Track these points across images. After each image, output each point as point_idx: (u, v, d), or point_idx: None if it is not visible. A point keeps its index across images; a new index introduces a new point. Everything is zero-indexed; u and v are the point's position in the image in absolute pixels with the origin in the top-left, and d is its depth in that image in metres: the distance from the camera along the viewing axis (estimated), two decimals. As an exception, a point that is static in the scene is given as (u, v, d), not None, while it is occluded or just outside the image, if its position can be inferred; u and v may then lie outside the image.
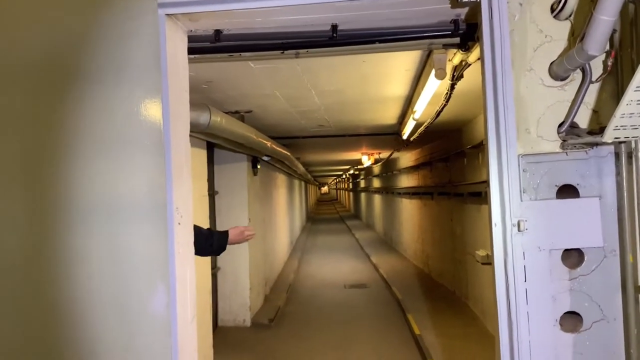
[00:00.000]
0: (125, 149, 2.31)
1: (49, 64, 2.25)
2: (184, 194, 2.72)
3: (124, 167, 2.29)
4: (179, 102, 2.65)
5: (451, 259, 8.98)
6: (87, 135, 2.26)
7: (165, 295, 2.24)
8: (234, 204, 7.46)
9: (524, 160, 2.22)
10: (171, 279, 2.36)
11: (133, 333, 2.19)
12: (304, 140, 8.65)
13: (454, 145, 8.24)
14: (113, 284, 2.22)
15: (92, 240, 2.22)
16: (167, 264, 2.29)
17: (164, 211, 2.31)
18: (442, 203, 9.52)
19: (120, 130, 2.30)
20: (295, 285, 10.44)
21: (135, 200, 2.29)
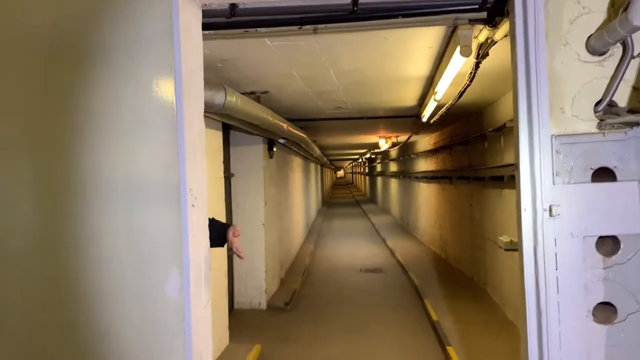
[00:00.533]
0: (137, 127, 2.22)
1: (60, 41, 2.17)
2: (197, 175, 2.63)
3: (136, 146, 2.20)
4: (192, 80, 2.55)
5: (470, 245, 8.84)
6: (99, 113, 2.18)
7: (179, 279, 2.17)
8: (250, 187, 7.40)
9: (558, 141, 2.09)
10: (185, 263, 2.28)
11: (147, 316, 2.13)
12: (320, 122, 8.52)
13: (475, 129, 8.05)
14: (128, 266, 2.16)
15: (108, 220, 2.15)
16: (181, 247, 2.21)
17: (177, 192, 2.23)
18: (461, 187, 9.35)
19: (132, 108, 2.21)
20: (311, 269, 10.41)
21: (148, 180, 2.22)
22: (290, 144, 9.06)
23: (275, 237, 8.33)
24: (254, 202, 7.40)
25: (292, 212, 11.20)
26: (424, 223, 13.39)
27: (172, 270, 2.15)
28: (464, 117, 8.74)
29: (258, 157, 7.42)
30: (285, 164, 10.00)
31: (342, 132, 11.09)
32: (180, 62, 2.34)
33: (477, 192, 8.28)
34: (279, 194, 8.95)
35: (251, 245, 7.39)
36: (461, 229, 9.48)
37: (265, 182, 7.55)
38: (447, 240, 10.72)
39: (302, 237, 13.69)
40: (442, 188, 11.08)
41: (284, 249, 9.59)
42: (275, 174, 8.55)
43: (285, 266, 9.58)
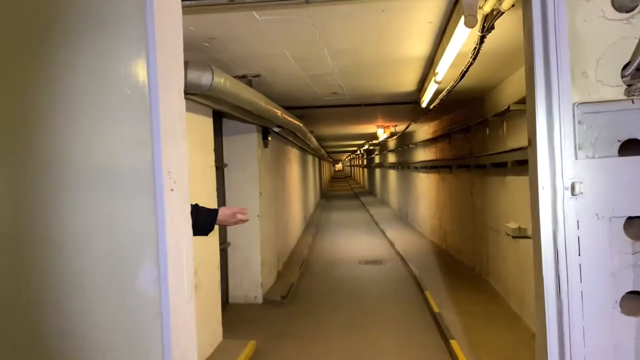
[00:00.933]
0: (104, 107, 1.96)
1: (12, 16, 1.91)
2: (177, 157, 2.36)
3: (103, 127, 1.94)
4: (169, 51, 2.27)
5: (470, 235, 8.61)
6: (60, 93, 1.92)
7: (153, 271, 1.93)
8: (244, 177, 7.15)
9: (580, 109, 1.84)
10: (161, 253, 2.03)
11: (115, 313, 1.89)
12: (316, 110, 8.26)
13: (475, 115, 7.80)
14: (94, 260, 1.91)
15: (70, 210, 1.90)
16: (155, 236, 1.97)
17: (150, 176, 1.97)
18: (462, 176, 9.11)
19: (97, 85, 1.95)
20: (309, 261, 10.18)
21: (116, 164, 1.96)
22: (286, 133, 8.81)
23: (271, 229, 8.09)
24: (248, 193, 7.15)
25: (289, 203, 10.96)
26: (424, 214, 13.17)
27: (144, 261, 1.91)
28: (464, 104, 8.49)
29: (252, 147, 7.17)
30: (281, 155, 9.74)
31: (339, 121, 10.83)
32: (154, 30, 2.09)
33: (478, 181, 8.05)
34: (275, 185, 8.71)
35: (246, 237, 7.15)
36: (461, 219, 9.26)
37: (260, 172, 7.30)
38: (447, 231, 10.50)
39: (300, 230, 13.47)
40: (442, 178, 10.85)
41: (281, 241, 9.36)
42: (271, 164, 8.30)
43: (282, 259, 9.35)
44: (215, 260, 5.26)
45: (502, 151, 6.16)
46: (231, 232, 7.14)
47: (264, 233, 7.45)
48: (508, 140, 6.32)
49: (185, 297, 2.41)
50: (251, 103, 4.83)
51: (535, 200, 1.95)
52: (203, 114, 5.02)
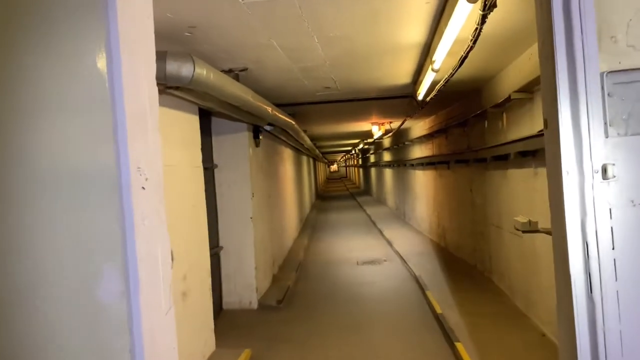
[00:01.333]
0: (61, 96, 1.69)
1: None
2: (149, 151, 2.10)
3: (58, 121, 1.68)
4: (135, 33, 2.01)
5: (471, 232, 8.37)
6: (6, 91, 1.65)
7: (117, 282, 1.66)
8: (236, 178, 6.88)
9: (610, 79, 1.58)
10: (130, 260, 1.77)
11: (75, 330, 1.62)
12: (309, 107, 8.00)
13: (473, 108, 7.56)
14: (50, 269, 1.64)
15: (24, 214, 1.64)
16: (120, 240, 1.70)
17: (114, 172, 1.70)
18: (460, 172, 8.87)
19: (53, 73, 1.69)
20: (305, 264, 9.91)
21: (75, 161, 1.69)
22: (278, 132, 8.54)
23: (265, 231, 7.82)
24: (240, 194, 6.88)
25: (283, 205, 10.68)
26: (421, 212, 12.93)
27: (107, 270, 1.64)
28: (462, 97, 8.25)
29: (243, 146, 6.90)
30: (274, 154, 9.47)
31: (333, 118, 10.57)
32: (116, 8, 1.82)
33: (477, 176, 7.80)
34: (268, 185, 8.44)
35: (239, 240, 6.88)
36: (461, 215, 9.01)
37: (252, 172, 7.03)
38: (445, 228, 10.25)
39: (295, 231, 13.19)
40: (439, 174, 10.60)
41: (276, 243, 9.08)
42: (264, 164, 8.03)
43: (278, 262, 9.08)
44: (206, 266, 4.99)
45: (503, 143, 5.92)
46: (223, 236, 6.87)
47: (258, 235, 7.18)
48: (508, 132, 6.08)
49: (163, 309, 2.15)
50: (238, 98, 4.56)
51: (558, 188, 1.69)
52: (188, 111, 4.74)
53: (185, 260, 4.45)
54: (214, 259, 6.70)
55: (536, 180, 5.14)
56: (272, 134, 8.68)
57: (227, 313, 6.74)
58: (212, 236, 6.69)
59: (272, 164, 9.08)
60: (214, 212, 6.81)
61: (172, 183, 4.33)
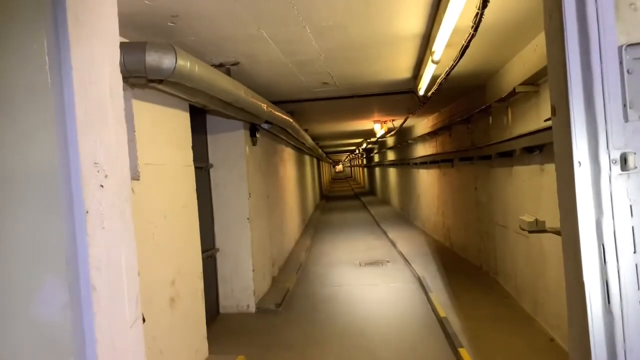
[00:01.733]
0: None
1: None
2: (110, 145, 1.88)
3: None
4: (90, 11, 1.79)
5: (476, 231, 8.12)
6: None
7: (59, 293, 1.45)
8: (232, 178, 6.67)
9: (629, 54, 1.36)
10: (80, 268, 1.56)
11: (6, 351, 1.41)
12: (307, 105, 7.79)
13: (476, 104, 7.32)
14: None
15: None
16: (68, 247, 1.48)
17: (56, 168, 1.49)
18: (464, 170, 8.63)
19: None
20: (306, 265, 9.69)
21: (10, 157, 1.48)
22: (277, 131, 8.33)
23: (264, 232, 7.61)
24: (236, 194, 6.67)
25: (284, 205, 10.47)
26: (425, 211, 12.68)
27: (45, 281, 1.42)
28: (464, 93, 8.01)
29: (239, 145, 6.69)
30: (273, 154, 9.26)
31: (334, 117, 10.35)
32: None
33: (482, 174, 7.56)
34: (267, 185, 8.23)
35: (236, 242, 6.67)
36: (466, 214, 8.77)
37: (249, 171, 6.82)
38: (450, 228, 10.01)
39: (298, 232, 12.98)
40: (443, 173, 10.36)
41: (276, 244, 8.87)
42: (262, 163, 7.82)
43: (278, 263, 8.86)
44: (197, 269, 4.78)
45: (508, 139, 5.67)
46: (220, 237, 6.66)
47: (255, 237, 6.97)
48: (514, 127, 5.84)
49: (127, 322, 1.93)
50: (229, 93, 4.35)
51: (568, 183, 1.46)
52: (177, 108, 4.54)
53: (175, 264, 4.24)
54: (210, 261, 6.50)
55: (543, 177, 4.89)
56: (270, 133, 8.47)
57: (223, 317, 6.53)
58: (208, 238, 6.49)
59: (271, 163, 8.87)
60: (210, 213, 6.61)
61: (160, 183, 4.13)
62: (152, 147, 4.06)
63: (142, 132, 3.90)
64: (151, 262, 3.83)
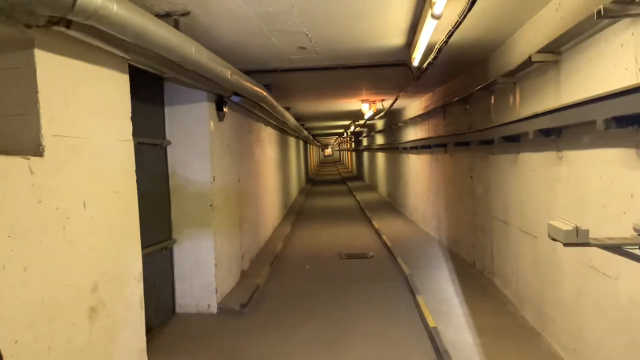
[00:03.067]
0: None
1: None
2: None
3: None
4: None
5: (469, 225, 7.29)
6: None
7: None
8: (192, 158, 5.74)
9: None
10: None
11: None
12: (286, 77, 6.84)
13: (477, 81, 6.43)
14: None
15: None
16: None
17: None
18: (459, 156, 7.77)
19: None
20: (283, 256, 8.83)
21: None
22: (251, 106, 7.36)
23: (231, 220, 6.70)
24: (198, 176, 5.74)
25: (260, 189, 9.55)
26: (414, 200, 11.84)
27: None
28: (464, 70, 7.11)
29: (202, 119, 5.74)
30: (247, 132, 8.30)
31: (318, 94, 9.40)
32: None
33: (480, 161, 6.70)
34: (237, 167, 7.30)
35: (197, 232, 5.76)
36: (459, 206, 7.93)
37: (214, 151, 5.88)
38: (441, 219, 9.18)
39: (277, 219, 12.09)
40: (435, 159, 9.50)
41: (249, 233, 7.98)
42: (232, 142, 6.88)
43: (250, 255, 7.98)
44: (133, 269, 3.86)
45: (516, 120, 4.79)
46: (178, 227, 5.75)
47: (220, 226, 6.06)
48: (522, 108, 4.96)
49: None
50: (172, 49, 3.39)
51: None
52: (109, 66, 3.58)
53: (98, 265, 3.33)
54: (165, 254, 5.60)
55: (561, 166, 4.03)
56: (243, 108, 7.51)
57: (180, 319, 5.65)
58: (163, 227, 5.58)
59: (244, 143, 7.92)
60: (166, 199, 5.68)
61: (79, 161, 3.19)
62: (67, 115, 3.11)
63: (51, 93, 2.96)
64: (58, 263, 2.92)
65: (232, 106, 6.76)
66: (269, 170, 11.02)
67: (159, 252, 5.42)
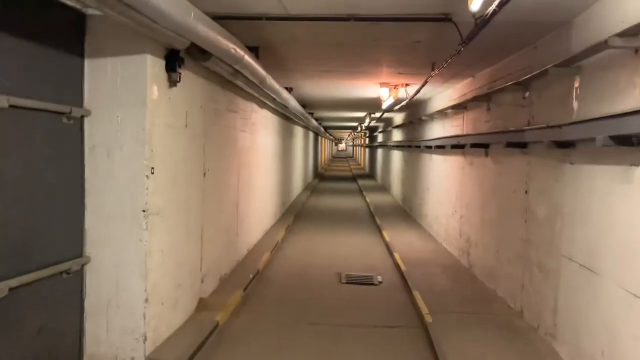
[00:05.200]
0: None
1: None
2: None
3: None
4: None
5: (519, 258, 5.29)
6: None
7: None
8: (122, 137, 3.82)
9: None
10: None
11: None
12: (278, 33, 4.90)
13: (548, 57, 4.42)
14: None
15: None
16: None
17: None
18: (508, 161, 5.75)
19: None
20: (266, 275, 6.90)
21: None
22: (231, 74, 5.36)
23: (182, 231, 4.77)
24: (129, 167, 3.83)
25: (245, 186, 7.60)
26: (436, 210, 9.82)
27: None
28: (526, 43, 5.10)
29: (139, 81, 3.82)
30: (227, 110, 6.33)
31: (325, 68, 7.41)
32: None
33: (543, 170, 4.70)
34: (208, 157, 5.37)
35: (121, 248, 3.85)
36: (501, 228, 5.93)
37: (155, 130, 3.96)
38: (472, 241, 7.17)
39: (270, 220, 10.16)
40: (469, 162, 7.48)
41: (219, 244, 6.07)
42: (195, 119, 4.96)
43: (220, 271, 6.07)
44: None
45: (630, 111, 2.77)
46: (94, 240, 3.84)
47: (160, 241, 4.13)
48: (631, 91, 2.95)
49: None
50: None
51: None
52: None
53: None
54: (71, 280, 3.69)
55: None
56: (222, 78, 5.55)
57: (85, 377, 3.75)
58: (69, 240, 3.68)
59: (220, 124, 5.97)
60: (78, 196, 3.77)
61: None
62: None
63: None
64: None
65: (199, 70, 4.81)
66: (262, 163, 9.06)
67: (56, 277, 3.52)
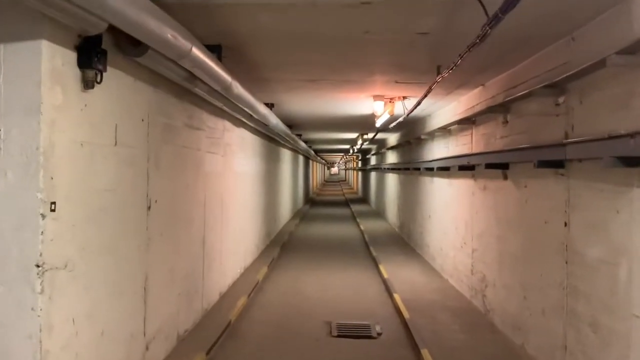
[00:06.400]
0: None
1: None
2: None
3: None
4: None
5: (558, 308, 4.10)
6: None
7: None
8: (6, 161, 2.64)
9: None
10: None
11: None
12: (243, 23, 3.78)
13: (592, 51, 3.33)
14: None
15: None
16: None
17: None
18: (537, 184, 4.61)
19: None
20: (239, 328, 5.65)
21: None
22: (186, 79, 4.21)
23: (111, 288, 3.54)
24: (12, 205, 2.63)
25: (214, 218, 6.38)
26: (440, 241, 8.64)
27: None
28: (557, 36, 4.01)
29: (31, 79, 2.65)
30: (186, 127, 5.17)
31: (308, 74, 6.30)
32: None
33: (595, 195, 3.55)
34: (155, 183, 4.18)
35: (7, 319, 2.63)
36: (530, 268, 4.75)
37: (60, 149, 2.78)
38: (489, 280, 5.97)
39: (250, 256, 8.92)
40: (481, 186, 6.33)
41: (175, 296, 4.84)
42: (130, 136, 3.79)
43: (176, 329, 4.83)
44: None
45: None
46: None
47: (68, 307, 2.91)
48: None
49: None
50: None
51: None
52: None
53: None
54: None
55: None
56: (177, 85, 4.40)
57: None
58: None
59: (176, 143, 4.79)
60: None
61: None
62: None
63: None
64: None
65: (140, 72, 3.64)
66: (239, 190, 7.86)
67: None
